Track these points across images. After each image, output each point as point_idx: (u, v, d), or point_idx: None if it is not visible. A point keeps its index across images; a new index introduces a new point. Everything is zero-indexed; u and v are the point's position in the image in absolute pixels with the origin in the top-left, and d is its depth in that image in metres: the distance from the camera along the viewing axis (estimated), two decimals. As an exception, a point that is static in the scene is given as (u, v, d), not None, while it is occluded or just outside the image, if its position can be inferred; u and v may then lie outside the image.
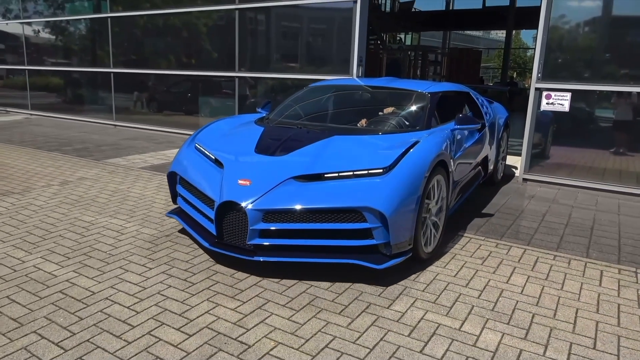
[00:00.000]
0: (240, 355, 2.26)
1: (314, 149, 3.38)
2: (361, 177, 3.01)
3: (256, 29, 8.16)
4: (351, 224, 2.88)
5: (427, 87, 4.36)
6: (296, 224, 2.92)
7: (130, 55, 9.88)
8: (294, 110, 4.47)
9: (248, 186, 3.06)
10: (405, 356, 2.28)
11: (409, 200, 2.95)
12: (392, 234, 2.88)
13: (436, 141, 3.44)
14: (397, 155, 3.11)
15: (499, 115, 5.55)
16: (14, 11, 11.97)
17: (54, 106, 11.49)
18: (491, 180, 5.46)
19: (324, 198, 2.93)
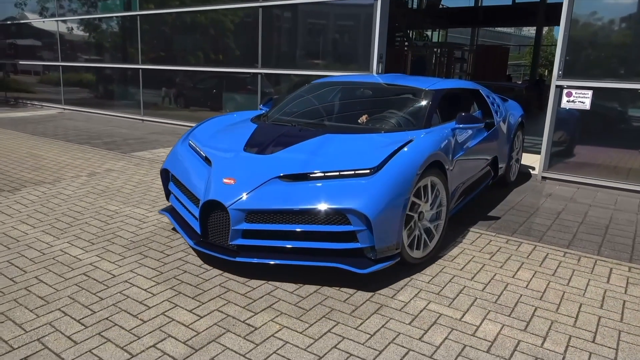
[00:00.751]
0: (246, 337, 2.39)
1: (302, 147, 3.31)
2: (347, 178, 2.91)
3: (278, 26, 8.30)
4: (335, 226, 2.80)
5: (430, 84, 4.24)
6: (279, 225, 2.85)
7: (159, 52, 10.17)
8: (293, 107, 4.42)
9: (232, 185, 3.00)
10: (404, 342, 2.37)
11: (396, 203, 2.84)
12: (376, 238, 2.78)
13: (431, 141, 3.33)
14: (386, 155, 3.01)
15: (512, 114, 5.37)
16: (50, 9, 12.46)
17: (85, 101, 11.92)
18: (504, 181, 5.31)
19: (307, 199, 2.84)
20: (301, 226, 2.83)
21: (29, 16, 13.30)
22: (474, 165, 4.20)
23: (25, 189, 4.84)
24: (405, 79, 4.64)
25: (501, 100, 5.44)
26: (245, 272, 3.06)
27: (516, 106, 5.77)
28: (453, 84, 4.65)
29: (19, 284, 2.86)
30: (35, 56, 13.34)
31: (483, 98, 4.79)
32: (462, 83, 4.88)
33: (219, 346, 2.30)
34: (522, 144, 5.83)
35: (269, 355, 2.24)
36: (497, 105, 4.98)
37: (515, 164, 5.62)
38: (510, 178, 5.50)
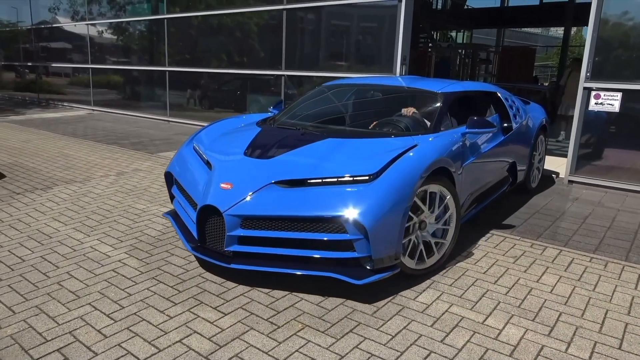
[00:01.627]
0: (269, 334, 2.43)
1: (302, 152, 3.22)
2: (345, 184, 2.81)
3: (302, 28, 8.36)
4: (331, 234, 2.70)
5: (443, 86, 4.06)
6: (275, 232, 2.78)
7: (184, 54, 10.35)
8: (301, 110, 4.33)
9: (229, 190, 2.93)
10: (425, 345, 2.38)
11: (395, 211, 2.72)
12: (373, 247, 2.66)
13: (436, 146, 3.21)
14: (387, 161, 2.89)
15: (533, 117, 5.15)
16: (80, 13, 12.82)
17: (113, 102, 12.21)
18: (524, 188, 5.10)
19: (303, 205, 2.75)
20: (297, 234, 2.75)
21: (60, 20, 13.71)
22: (488, 171, 4.05)
23: (56, 187, 5.01)
24: (418, 81, 4.49)
25: (522, 103, 5.26)
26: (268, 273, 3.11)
27: (538, 109, 5.56)
28: (468, 86, 4.52)
29: (52, 278, 2.97)
30: (66, 59, 13.74)
31: (501, 101, 4.59)
32: (478, 85, 4.72)
33: (242, 343, 2.35)
34: (544, 149, 5.57)
35: (291, 353, 2.28)
36: (516, 108, 4.80)
37: (536, 170, 5.38)
38: (531, 185, 5.27)
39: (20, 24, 15.43)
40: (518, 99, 5.19)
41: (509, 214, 4.48)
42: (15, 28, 15.74)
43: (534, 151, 5.09)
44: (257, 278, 3.01)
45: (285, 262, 2.80)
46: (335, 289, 2.89)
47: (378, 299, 2.81)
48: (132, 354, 2.24)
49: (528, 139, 4.89)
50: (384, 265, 2.77)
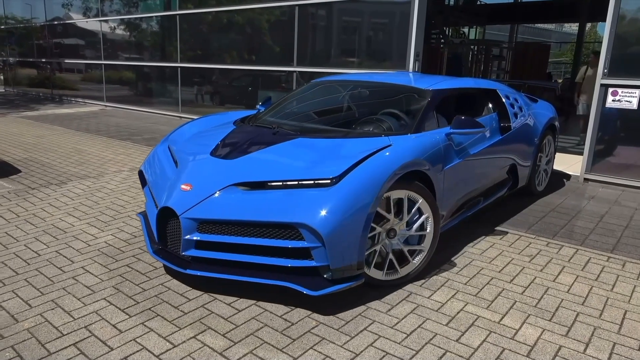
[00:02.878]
0: (283, 332, 2.42)
1: (269, 152, 3.06)
2: (306, 188, 2.63)
3: (314, 25, 8.32)
4: (288, 241, 2.53)
5: (432, 83, 3.80)
6: (231, 237, 2.63)
7: (196, 50, 10.38)
8: (284, 108, 4.16)
9: (188, 191, 2.80)
10: (441, 344, 2.35)
11: (355, 218, 2.51)
12: (331, 257, 2.48)
13: (410, 148, 2.96)
14: (351, 163, 2.69)
15: (539, 116, 4.82)
16: (94, 9, 12.90)
17: (126, 98, 12.29)
18: (528, 191, 4.81)
19: (261, 210, 2.59)
20: (254, 240, 2.59)
21: (73, 16, 13.81)
22: (480, 174, 3.78)
23: (71, 183, 5.05)
24: (407, 78, 4.22)
25: (527, 101, 4.97)
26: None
27: (547, 107, 5.22)
28: (463, 83, 4.20)
29: (67, 273, 2.99)
30: (79, 55, 13.85)
31: (500, 98, 4.31)
32: (475, 82, 4.39)
33: (257, 340, 2.35)
34: (553, 150, 5.20)
35: (305, 350, 2.27)
36: (518, 106, 4.50)
37: (543, 173, 5.06)
38: (537, 188, 4.95)
39: (34, 21, 15.59)
40: (523, 97, 4.94)
41: (523, 213, 4.42)
42: (30, 24, 15.89)
43: (539, 152, 4.79)
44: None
45: (243, 270, 2.64)
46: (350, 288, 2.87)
47: (392, 297, 2.79)
48: (147, 349, 2.25)
49: (531, 140, 4.60)
50: (344, 276, 2.57)
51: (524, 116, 4.52)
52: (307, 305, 2.68)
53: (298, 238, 2.53)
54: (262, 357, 2.21)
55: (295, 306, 2.66)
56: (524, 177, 4.59)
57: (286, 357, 2.22)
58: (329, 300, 2.71)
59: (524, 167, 4.53)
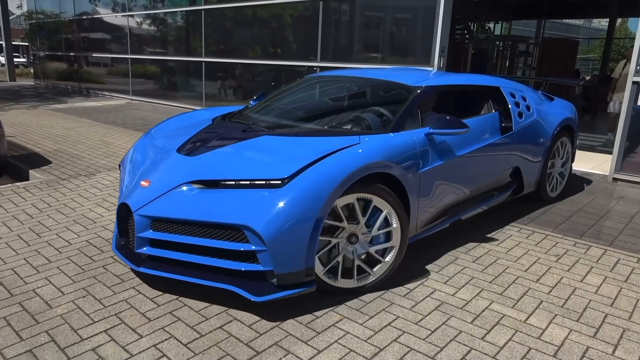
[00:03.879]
0: (308, 325, 2.45)
1: (230, 150, 2.98)
2: (257, 188, 2.53)
3: (339, 20, 8.30)
4: (235, 243, 2.45)
5: (421, 80, 3.59)
6: (182, 237, 2.57)
7: (220, 45, 10.47)
8: (271, 104, 4.06)
9: (146, 188, 2.76)
10: (466, 341, 2.35)
11: (302, 222, 2.39)
12: (275, 262, 2.38)
13: (375, 148, 2.76)
14: (305, 163, 2.55)
15: (552, 115, 4.44)
16: (120, 4, 13.12)
17: (151, 92, 12.48)
18: (538, 197, 4.49)
19: (209, 210, 2.51)
20: (203, 240, 2.52)
21: (100, 11, 14.06)
22: (469, 177, 3.52)
23: (99, 174, 5.16)
24: (401, 74, 3.99)
25: (542, 99, 4.63)
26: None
27: (563, 106, 4.81)
28: (459, 79, 3.96)
29: (97, 262, 3.07)
30: (105, 49, 14.11)
31: (503, 96, 4.02)
32: (475, 79, 4.09)
33: (281, 332, 2.38)
34: (569, 153, 4.81)
35: (330, 343, 2.29)
36: (525, 105, 4.17)
37: (557, 178, 4.72)
38: (549, 194, 4.59)
39: (62, 15, 15.93)
40: (537, 95, 4.62)
41: (550, 212, 4.35)
42: (59, 19, 16.25)
43: (551, 155, 4.44)
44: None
45: (193, 271, 2.57)
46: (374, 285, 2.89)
47: (416, 293, 2.79)
48: (176, 338, 2.30)
49: (540, 141, 4.24)
50: (291, 282, 2.45)
51: (532, 116, 4.19)
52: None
53: (244, 240, 2.44)
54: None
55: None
56: (532, 182, 4.28)
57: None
58: (351, 295, 2.73)
59: (531, 171, 4.22)
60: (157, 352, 2.21)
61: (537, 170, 4.28)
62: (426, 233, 3.24)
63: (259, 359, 2.18)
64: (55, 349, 2.21)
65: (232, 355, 2.20)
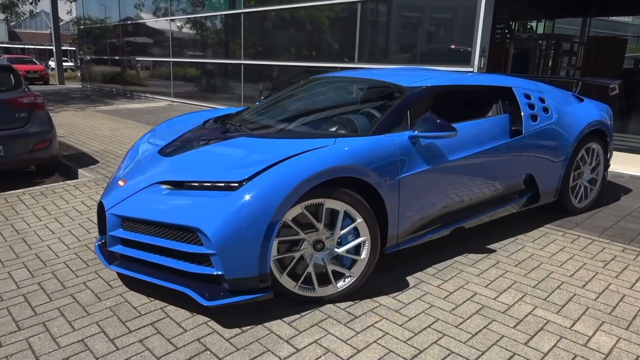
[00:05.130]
0: (347, 324, 2.46)
1: (204, 151, 2.96)
2: (216, 190, 2.49)
3: (376, 20, 8.29)
4: (190, 245, 2.42)
5: (420, 79, 3.40)
6: (147, 237, 2.57)
7: (258, 47, 10.63)
8: (269, 105, 3.97)
9: (121, 187, 2.81)
10: (508, 346, 2.30)
11: (254, 227, 2.33)
12: (225, 266, 2.33)
13: (341, 152, 2.61)
14: (263, 166, 2.49)
15: (577, 119, 4.02)
16: (162, 9, 13.53)
17: (191, 94, 12.80)
18: (561, 207, 4.11)
19: (168, 211, 2.51)
20: (163, 241, 2.51)
21: (144, 16, 14.54)
22: (464, 184, 3.26)
23: (143, 174, 5.34)
24: (400, 74, 3.80)
25: (568, 100, 4.19)
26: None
27: (595, 109, 4.31)
28: (462, 80, 3.66)
29: (143, 258, 3.18)
30: (148, 52, 14.58)
31: (515, 98, 3.71)
32: (483, 78, 3.80)
33: (321, 330, 2.40)
34: (600, 160, 4.33)
35: (369, 343, 2.30)
36: (542, 107, 3.81)
37: (586, 187, 4.28)
38: (575, 205, 4.18)
39: (108, 21, 16.56)
40: (563, 96, 4.19)
41: (596, 217, 4.20)
42: (104, 24, 16.90)
43: (575, 163, 4.03)
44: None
45: (156, 272, 2.56)
46: (412, 280, 2.87)
47: (456, 296, 2.76)
48: (218, 333, 2.36)
49: (560, 147, 3.85)
50: (245, 287, 2.39)
51: (550, 119, 3.81)
52: (371, 302, 2.70)
53: (199, 243, 2.40)
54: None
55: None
56: (550, 191, 3.90)
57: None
58: (392, 297, 2.72)
59: (548, 179, 3.85)
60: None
61: (556, 178, 3.90)
62: (416, 241, 3.04)
63: (299, 355, 2.21)
64: (105, 340, 2.31)
65: (273, 352, 2.24)
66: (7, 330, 2.37)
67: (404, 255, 3.25)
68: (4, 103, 4.83)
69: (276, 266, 2.50)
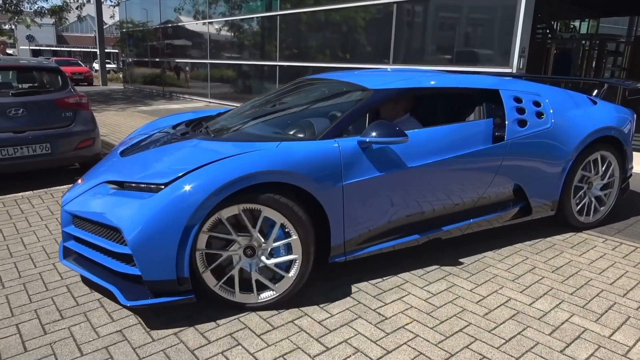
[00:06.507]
0: (377, 325, 2.46)
1: (150, 153, 2.97)
2: (144, 192, 2.48)
3: (412, 21, 8.22)
4: (119, 245, 2.44)
5: (388, 81, 3.23)
6: (88, 234, 2.61)
7: (293, 49, 10.73)
8: (247, 107, 3.84)
9: (78, 185, 2.88)
10: (543, 353, 2.25)
11: (170, 229, 2.30)
12: (141, 267, 2.33)
13: (271, 156, 2.51)
14: (189, 169, 2.44)
15: (581, 124, 3.61)
16: (201, 12, 13.84)
17: (227, 95, 13.04)
18: (564, 221, 3.76)
19: (104, 210, 2.52)
20: (100, 240, 2.54)
21: (182, 19, 14.92)
22: (429, 192, 3.03)
23: (180, 172, 5.48)
24: (376, 75, 3.62)
25: (576, 104, 3.78)
26: (376, 264, 3.14)
27: (605, 114, 3.83)
28: (439, 82, 3.40)
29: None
30: (186, 55, 14.94)
31: (501, 101, 3.40)
32: (467, 80, 3.53)
33: (351, 330, 2.41)
34: (614, 171, 3.89)
35: (399, 345, 2.29)
36: (534, 112, 3.46)
37: (593, 201, 3.83)
38: (579, 219, 3.77)
39: (148, 24, 17.07)
40: (570, 99, 3.80)
41: (638, 222, 4.04)
42: (145, 27, 17.44)
43: (576, 175, 3.65)
44: (365, 267, 3.04)
45: (96, 268, 2.59)
46: (444, 283, 2.84)
47: (490, 301, 2.71)
48: (249, 328, 2.41)
49: (557, 155, 3.50)
50: (163, 290, 2.37)
51: (544, 124, 3.45)
52: (401, 303, 2.68)
53: (124, 243, 2.41)
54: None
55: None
56: (546, 204, 3.57)
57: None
58: (424, 299, 2.70)
59: (541, 191, 3.51)
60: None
61: (552, 189, 3.56)
62: (369, 250, 2.88)
63: (330, 354, 2.23)
64: (142, 331, 2.39)
65: (304, 349, 2.27)
66: (51, 319, 2.49)
67: (435, 258, 3.21)
68: (52, 103, 5.06)
69: (202, 261, 2.46)
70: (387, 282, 2.90)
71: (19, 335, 2.35)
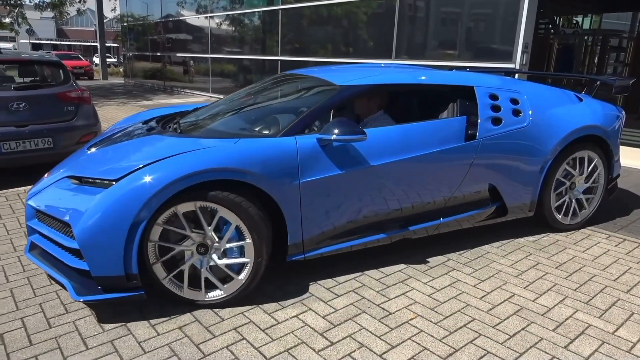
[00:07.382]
0: (381, 320, 2.46)
1: (111, 148, 2.95)
2: (96, 187, 2.47)
3: (414, 16, 8.19)
4: (71, 239, 2.41)
5: (354, 78, 3.14)
6: (46, 228, 2.60)
7: (295, 44, 10.69)
8: (219, 103, 3.78)
9: (43, 179, 2.85)
10: (547, 349, 2.25)
11: (116, 226, 2.28)
12: (89, 262, 2.31)
13: (228, 152, 2.49)
14: (140, 165, 2.41)
15: (561, 123, 3.47)
16: (202, 6, 13.79)
17: (228, 90, 13.00)
18: (543, 222, 3.64)
19: (59, 204, 2.52)
20: (56, 234, 2.52)
21: (184, 13, 14.86)
22: (394, 190, 2.95)
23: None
24: (349, 71, 3.57)
25: (560, 101, 3.66)
26: (379, 259, 3.14)
27: (589, 112, 3.68)
28: (410, 78, 3.32)
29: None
30: (187, 49, 14.90)
31: (474, 99, 3.30)
32: (440, 77, 3.40)
33: (355, 325, 2.41)
34: (599, 171, 3.75)
35: (403, 340, 2.30)
36: (510, 110, 3.34)
37: (574, 202, 3.70)
38: (560, 221, 3.66)
39: (149, 18, 17.01)
40: (552, 96, 3.68)
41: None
42: (145, 22, 17.37)
43: (556, 175, 3.52)
44: (371, 264, 3.05)
45: (55, 263, 2.56)
46: (447, 279, 2.84)
47: (493, 297, 2.71)
48: (254, 323, 2.41)
49: (531, 155, 3.37)
50: (112, 286, 2.36)
51: (520, 123, 3.33)
52: (405, 299, 2.69)
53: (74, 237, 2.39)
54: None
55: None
56: (522, 205, 3.46)
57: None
58: (427, 295, 2.71)
59: (516, 191, 3.40)
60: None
61: (529, 190, 3.44)
62: (330, 249, 2.83)
63: (334, 348, 2.23)
64: (147, 325, 2.39)
65: (308, 344, 2.27)
66: (56, 313, 2.49)
67: (439, 253, 3.22)
68: (54, 97, 5.05)
69: (154, 252, 2.44)
70: (390, 278, 2.91)
71: (24, 329, 2.35)
